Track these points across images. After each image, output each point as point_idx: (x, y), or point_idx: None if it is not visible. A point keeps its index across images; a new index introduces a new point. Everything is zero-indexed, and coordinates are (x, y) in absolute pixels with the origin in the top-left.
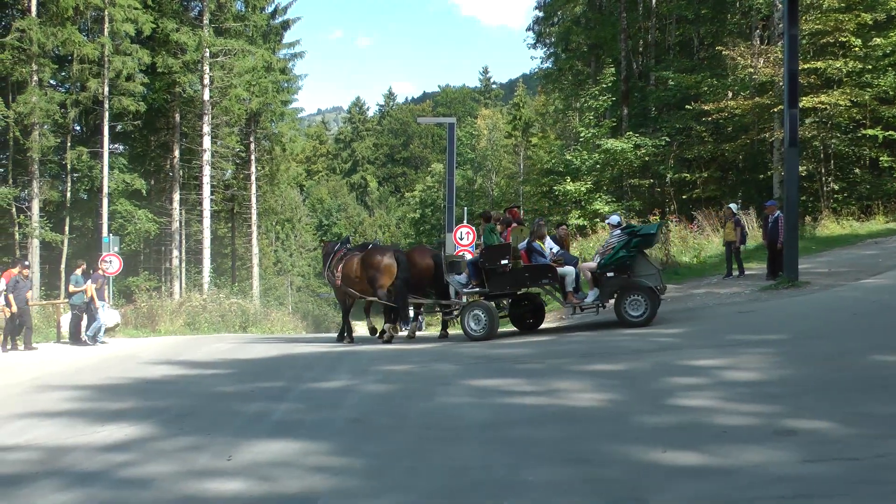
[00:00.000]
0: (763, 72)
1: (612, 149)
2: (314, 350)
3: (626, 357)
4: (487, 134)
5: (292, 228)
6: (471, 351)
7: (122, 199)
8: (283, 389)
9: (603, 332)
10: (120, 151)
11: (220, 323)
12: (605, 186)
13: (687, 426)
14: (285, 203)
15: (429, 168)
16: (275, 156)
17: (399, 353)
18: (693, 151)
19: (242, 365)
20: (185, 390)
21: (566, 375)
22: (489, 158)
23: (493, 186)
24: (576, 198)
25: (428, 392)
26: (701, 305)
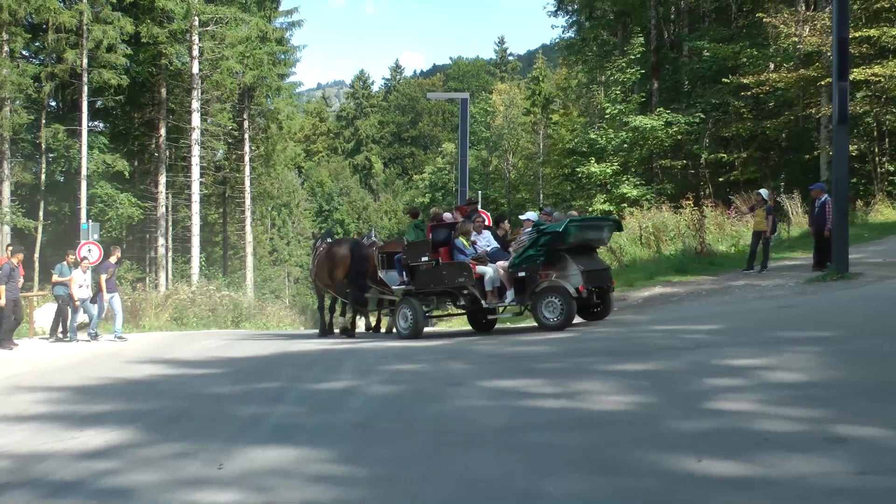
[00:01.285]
0: (809, 41)
1: (640, 127)
2: (314, 347)
3: (656, 356)
4: (503, 111)
5: (290, 214)
6: (485, 349)
7: (103, 181)
8: (280, 391)
9: (631, 329)
10: (100, 130)
11: (210, 318)
12: (633, 168)
13: (725, 432)
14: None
15: (439, 148)
16: (270, 134)
17: (407, 352)
18: (730, 129)
19: (235, 364)
20: (172, 392)
21: (590, 376)
22: (505, 138)
23: (510, 168)
24: (601, 181)
25: (439, 394)
26: (740, 299)
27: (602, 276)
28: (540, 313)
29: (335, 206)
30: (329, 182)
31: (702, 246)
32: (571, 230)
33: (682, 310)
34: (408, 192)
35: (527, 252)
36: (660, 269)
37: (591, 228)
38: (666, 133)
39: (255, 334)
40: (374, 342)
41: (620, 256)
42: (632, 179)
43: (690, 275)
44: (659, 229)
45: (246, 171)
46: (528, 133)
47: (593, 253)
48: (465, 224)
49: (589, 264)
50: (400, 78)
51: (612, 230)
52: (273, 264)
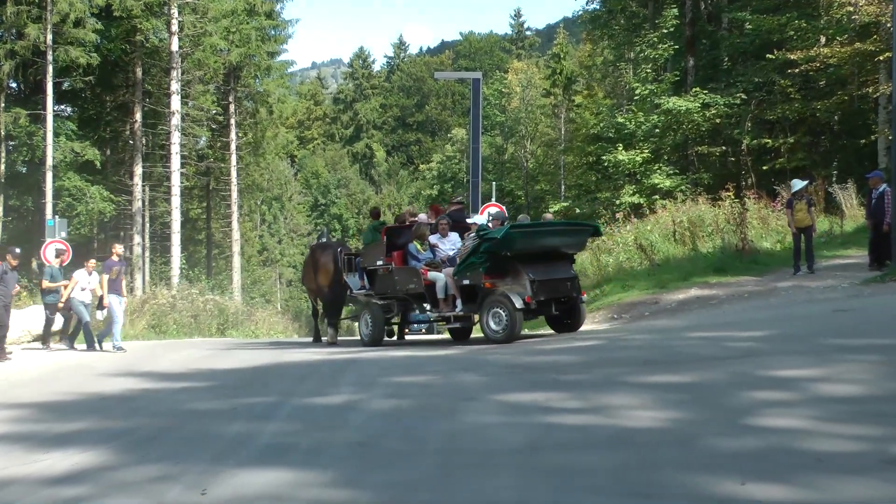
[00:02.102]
0: (865, 10)
1: (674, 109)
2: (309, 357)
3: (695, 366)
4: (520, 92)
5: (281, 209)
6: (501, 358)
7: (71, 172)
8: (272, 406)
9: (665, 336)
10: (67, 115)
11: (193, 325)
12: (666, 156)
13: (771, 452)
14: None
15: (448, 134)
16: (259, 120)
17: (413, 362)
18: (776, 111)
19: (220, 376)
20: (150, 408)
21: (620, 388)
22: (522, 122)
23: (528, 156)
24: (629, 170)
25: (450, 409)
26: (787, 302)
27: (562, 286)
28: (486, 324)
29: (332, 200)
30: (325, 173)
31: (743, 243)
32: (514, 237)
33: (721, 314)
34: (413, 184)
35: (469, 259)
36: (696, 268)
37: (550, 234)
38: (703, 116)
39: (242, 343)
40: (376, 352)
41: (652, 255)
42: (664, 168)
43: (731, 275)
44: (695, 224)
45: (232, 161)
46: (548, 117)
47: (560, 260)
48: (420, 227)
49: (545, 273)
50: (404, 56)
51: (587, 235)
52: (263, 265)
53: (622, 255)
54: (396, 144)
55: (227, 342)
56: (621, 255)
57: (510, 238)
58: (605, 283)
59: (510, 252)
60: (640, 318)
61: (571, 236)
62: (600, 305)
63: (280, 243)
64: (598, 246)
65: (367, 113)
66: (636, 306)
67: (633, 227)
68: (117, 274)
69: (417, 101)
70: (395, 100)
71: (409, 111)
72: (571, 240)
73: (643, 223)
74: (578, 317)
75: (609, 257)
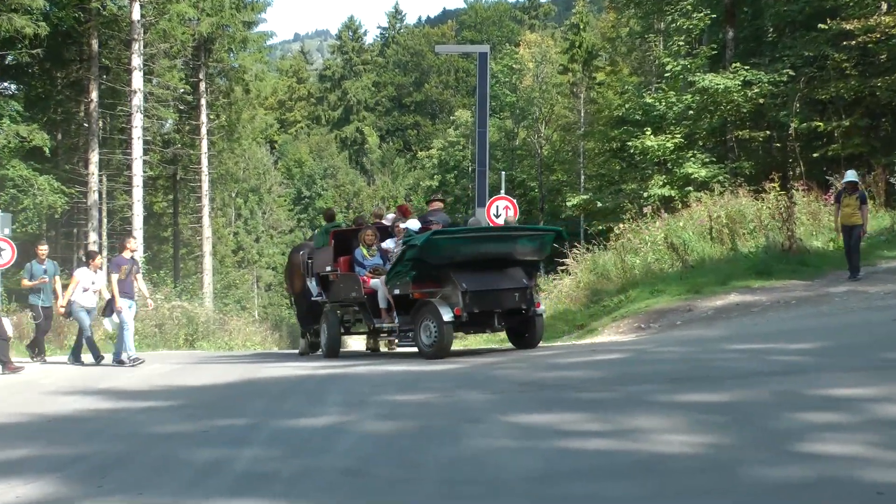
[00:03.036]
0: None
1: (710, 88)
2: (291, 373)
3: (734, 383)
4: (533, 68)
5: (259, 202)
6: (511, 374)
7: (16, 160)
8: (249, 429)
9: (700, 348)
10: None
11: (157, 336)
12: (702, 141)
13: (823, 483)
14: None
15: (451, 117)
16: (234, 100)
17: (410, 378)
18: (828, 90)
19: (189, 394)
20: (107, 431)
21: (648, 409)
22: (536, 103)
23: (542, 142)
24: (659, 158)
25: (452, 432)
26: (841, 310)
27: (506, 297)
28: (418, 337)
29: (317, 192)
30: (310, 161)
31: (790, 241)
32: (438, 244)
33: (765, 323)
34: (411, 174)
35: (396, 268)
36: (736, 270)
37: (491, 241)
38: (744, 96)
39: (214, 357)
40: (367, 366)
41: (685, 255)
42: (699, 156)
43: (776, 278)
44: (734, 220)
45: (202, 147)
46: (566, 97)
47: (511, 268)
48: (365, 231)
49: (484, 282)
50: (400, 27)
51: (547, 241)
52: (238, 266)
53: (650, 256)
54: (391, 128)
55: (197, 355)
56: (649, 256)
57: (433, 245)
58: (631, 288)
59: (438, 260)
60: (671, 328)
61: (525, 242)
62: (625, 313)
63: (258, 242)
64: (622, 245)
65: (357, 92)
66: (666, 314)
67: (664, 223)
68: (127, 273)
69: (415, 79)
70: (389, 77)
71: (406, 90)
72: (526, 246)
73: (675, 219)
74: (534, 331)
75: (635, 258)
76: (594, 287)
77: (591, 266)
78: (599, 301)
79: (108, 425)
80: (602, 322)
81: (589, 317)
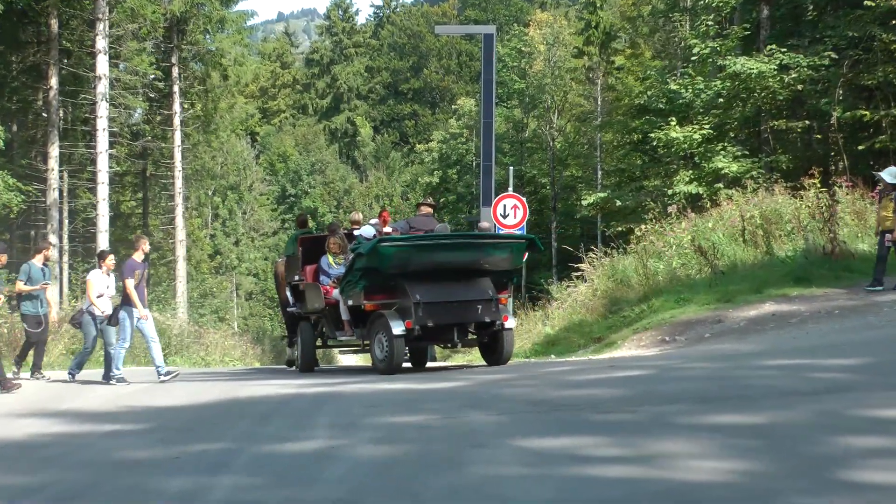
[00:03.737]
0: None
1: (743, 72)
2: (275, 392)
3: (770, 403)
4: (545, 51)
5: (239, 201)
6: (521, 393)
7: None
8: (227, 454)
9: (732, 364)
10: None
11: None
12: (733, 133)
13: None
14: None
15: (453, 106)
16: (211, 87)
17: (408, 397)
18: (875, 75)
19: (160, 416)
20: (68, 457)
21: (674, 432)
22: (548, 90)
23: (555, 134)
24: (685, 151)
25: (455, 458)
26: (891, 321)
27: (466, 310)
28: (373, 352)
29: (304, 190)
30: (295, 155)
31: (833, 244)
32: (385, 252)
33: (804, 336)
34: (408, 169)
35: (346, 277)
36: (772, 277)
37: (450, 249)
38: (780, 82)
39: (189, 374)
40: (361, 384)
41: (714, 259)
42: (730, 149)
43: (816, 286)
44: (770, 220)
45: (176, 140)
46: (581, 84)
47: (475, 279)
48: (331, 238)
49: (441, 294)
50: (396, 5)
51: (518, 250)
52: (216, 272)
53: (676, 260)
54: (386, 119)
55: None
56: (675, 260)
57: (380, 254)
58: (654, 297)
59: (392, 269)
60: (699, 341)
61: (492, 251)
62: (647, 325)
63: (237, 245)
64: (644, 249)
65: (348, 78)
66: (694, 326)
67: (690, 223)
68: (140, 278)
69: (413, 64)
70: (384, 62)
71: (403, 76)
72: (492, 255)
73: (703, 219)
74: (501, 347)
75: (659, 263)
76: (613, 295)
77: (610, 272)
78: (619, 311)
79: (69, 451)
80: (622, 334)
81: (607, 329)
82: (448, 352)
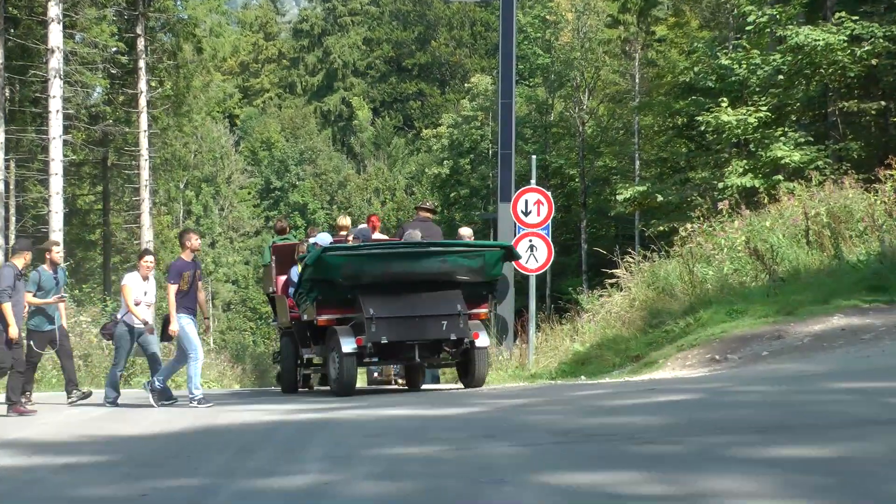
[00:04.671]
0: None
1: (806, 44)
2: (258, 418)
3: (840, 433)
4: (573, 20)
5: (215, 195)
6: (545, 420)
7: None
8: (202, 492)
9: (794, 387)
10: None
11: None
12: (795, 115)
13: None
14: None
15: (465, 84)
16: (182, 62)
17: (415, 425)
18: None
19: (124, 446)
20: (19, 494)
21: (726, 466)
22: (577, 66)
23: (585, 117)
24: (739, 137)
25: (468, 496)
26: None
27: (427, 326)
28: (329, 371)
29: (292, 182)
30: (281, 141)
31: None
32: (332, 262)
33: (880, 355)
34: (413, 159)
35: (297, 289)
36: (841, 285)
37: (410, 258)
38: (851, 56)
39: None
40: (359, 409)
41: (773, 264)
42: (791, 135)
43: (894, 295)
44: (839, 218)
45: (141, 124)
46: (616, 58)
47: (443, 291)
48: (300, 246)
49: (399, 308)
50: None
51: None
52: None
53: (727, 266)
54: (388, 99)
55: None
56: (726, 266)
57: (327, 263)
58: (702, 308)
59: (346, 280)
60: (756, 360)
61: (458, 261)
62: (694, 341)
63: (213, 247)
64: (690, 252)
65: (343, 52)
66: (749, 342)
67: (744, 222)
68: (190, 282)
69: (419, 35)
70: (385, 32)
71: (407, 50)
72: (459, 266)
73: (759, 217)
74: (473, 368)
75: (708, 268)
76: (653, 306)
77: (650, 279)
78: (660, 325)
79: (18, 488)
80: (664, 352)
81: (647, 345)
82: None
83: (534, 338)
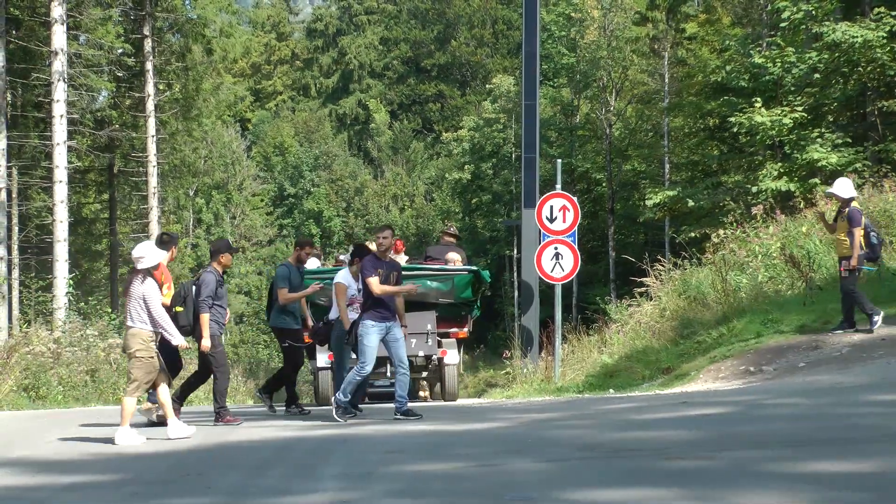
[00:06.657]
0: None
1: (844, 41)
2: (273, 435)
3: (881, 448)
4: (599, 18)
5: (227, 203)
6: (573, 435)
7: None
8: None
9: (832, 399)
10: None
11: (89, 386)
12: (832, 116)
13: None
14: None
15: (487, 86)
16: (191, 64)
17: (435, 441)
18: None
19: (132, 465)
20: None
21: (760, 482)
22: (603, 65)
23: (612, 119)
24: (773, 138)
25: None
26: None
27: None
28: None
29: (306, 189)
30: (295, 146)
31: None
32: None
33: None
34: (433, 163)
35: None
36: (881, 292)
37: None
38: (890, 52)
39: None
40: (377, 425)
41: (810, 272)
42: (828, 136)
43: None
44: (879, 223)
45: (149, 129)
46: (644, 57)
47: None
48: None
49: None
50: None
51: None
52: None
53: (762, 273)
54: (406, 101)
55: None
56: (761, 273)
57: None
58: (736, 317)
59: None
60: (792, 372)
61: (428, 284)
62: (728, 352)
63: None
64: (722, 259)
65: (359, 52)
66: (785, 353)
67: (780, 228)
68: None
69: (438, 34)
70: (402, 31)
71: (426, 49)
72: (428, 289)
73: (795, 222)
74: (444, 385)
75: (741, 276)
76: (685, 316)
77: (681, 287)
78: (692, 335)
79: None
80: (696, 364)
81: (678, 357)
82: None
83: (560, 350)
